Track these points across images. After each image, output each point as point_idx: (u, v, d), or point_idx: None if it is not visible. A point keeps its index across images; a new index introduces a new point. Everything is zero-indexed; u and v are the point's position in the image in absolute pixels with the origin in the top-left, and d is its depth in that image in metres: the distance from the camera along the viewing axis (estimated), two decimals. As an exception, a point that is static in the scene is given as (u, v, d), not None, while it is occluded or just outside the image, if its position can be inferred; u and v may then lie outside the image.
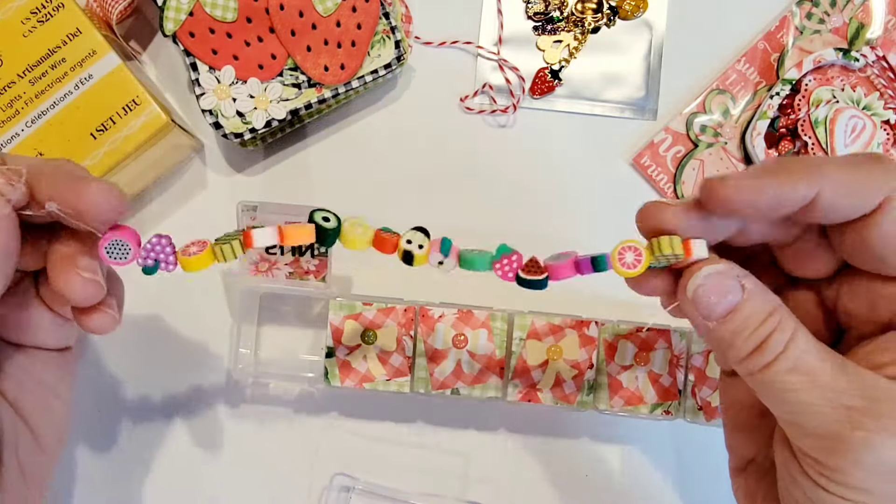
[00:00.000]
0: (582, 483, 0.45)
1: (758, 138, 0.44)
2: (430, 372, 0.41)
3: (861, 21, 0.46)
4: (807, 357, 0.25)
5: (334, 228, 0.29)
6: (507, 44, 0.47)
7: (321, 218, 0.29)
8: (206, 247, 0.29)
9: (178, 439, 0.44)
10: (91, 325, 0.29)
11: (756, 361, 0.26)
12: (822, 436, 0.25)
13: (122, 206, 0.27)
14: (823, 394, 0.25)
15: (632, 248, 0.28)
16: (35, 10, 0.39)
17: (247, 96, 0.41)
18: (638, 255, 0.28)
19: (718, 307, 0.26)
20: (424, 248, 0.29)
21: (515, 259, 0.29)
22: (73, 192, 0.26)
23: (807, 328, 0.26)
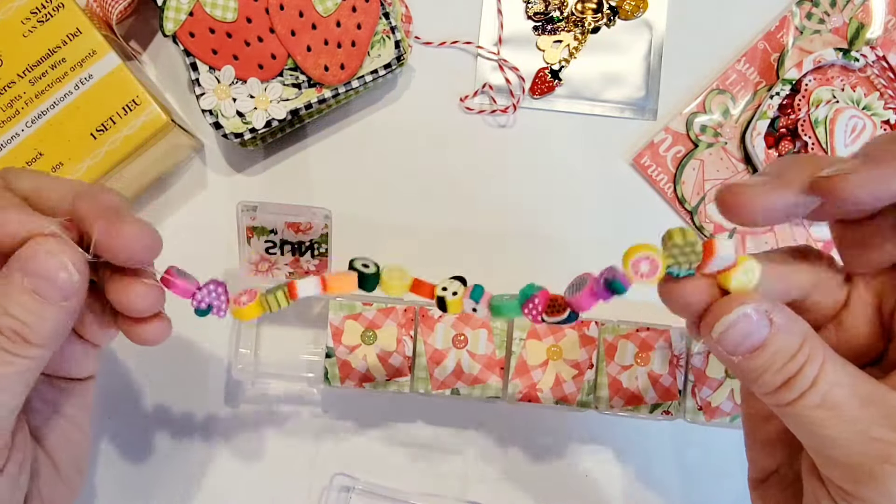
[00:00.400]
0: (582, 483, 0.45)
1: (758, 138, 0.45)
2: (430, 372, 0.41)
3: (861, 21, 0.46)
4: (835, 391, 0.24)
5: (374, 274, 0.30)
6: (507, 44, 0.47)
7: (361, 265, 0.30)
8: (255, 297, 0.30)
9: (178, 439, 0.44)
10: (149, 334, 0.29)
11: (783, 396, 0.25)
12: (850, 467, 0.24)
13: (157, 247, 0.27)
14: (851, 426, 0.24)
15: (646, 256, 0.27)
16: (35, 10, 0.39)
17: (247, 96, 0.41)
18: (653, 262, 0.27)
19: (743, 345, 0.25)
20: (458, 294, 0.30)
21: (539, 302, 0.29)
22: (109, 231, 0.26)
23: (859, 333, 0.26)
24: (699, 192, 0.46)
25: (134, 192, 0.45)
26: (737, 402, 0.41)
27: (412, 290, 0.31)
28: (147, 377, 0.44)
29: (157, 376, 0.44)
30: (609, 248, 0.45)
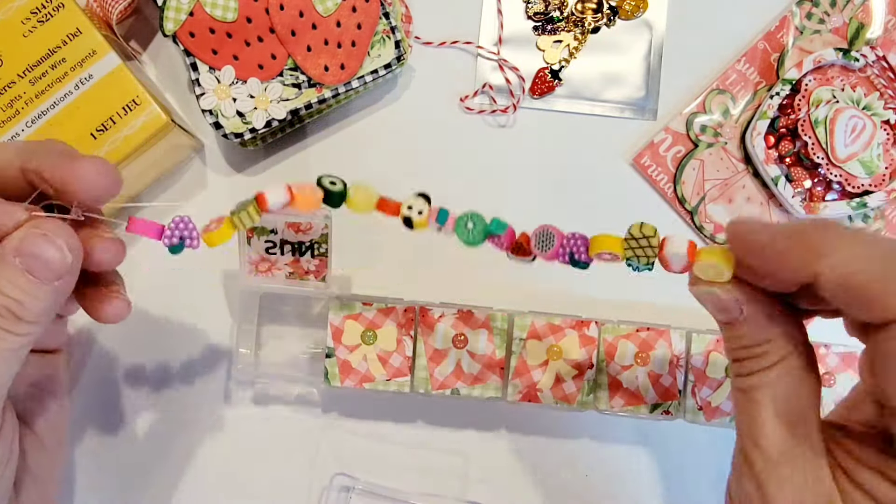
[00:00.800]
0: (582, 483, 0.45)
1: (758, 138, 0.45)
2: (430, 372, 0.41)
3: (861, 21, 0.46)
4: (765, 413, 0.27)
5: (340, 191, 0.30)
6: (507, 44, 0.47)
7: (328, 182, 0.30)
8: (223, 221, 0.30)
9: (179, 439, 0.44)
10: (108, 312, 0.30)
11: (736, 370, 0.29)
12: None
13: (116, 181, 0.27)
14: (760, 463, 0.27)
15: (608, 252, 0.31)
16: (35, 10, 0.39)
17: (247, 96, 0.41)
18: (614, 256, 0.31)
19: (719, 316, 0.29)
20: (424, 213, 0.30)
21: (505, 240, 0.31)
22: (65, 170, 0.26)
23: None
24: (699, 192, 0.46)
25: (134, 192, 0.45)
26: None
27: (378, 209, 0.31)
28: (147, 377, 0.44)
29: (157, 376, 0.44)
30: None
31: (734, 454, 0.29)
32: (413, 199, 0.30)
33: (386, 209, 0.31)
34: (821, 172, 0.44)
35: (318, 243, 0.40)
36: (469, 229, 0.31)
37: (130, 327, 0.45)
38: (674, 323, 0.42)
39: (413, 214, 0.30)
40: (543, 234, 0.31)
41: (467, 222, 0.31)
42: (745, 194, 0.46)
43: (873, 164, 0.44)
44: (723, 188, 0.46)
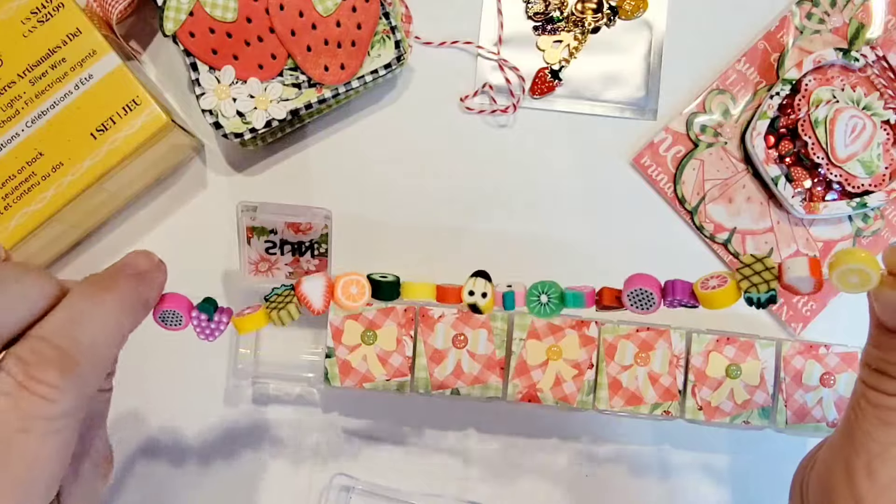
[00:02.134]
0: (582, 483, 0.45)
1: (758, 138, 0.44)
2: (430, 372, 0.41)
3: (861, 21, 0.46)
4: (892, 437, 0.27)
5: (393, 282, 0.29)
6: (507, 44, 0.47)
7: (379, 276, 0.29)
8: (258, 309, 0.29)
9: (179, 440, 0.44)
10: None
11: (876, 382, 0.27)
12: None
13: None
14: None
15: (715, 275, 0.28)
16: (35, 10, 0.39)
17: (247, 96, 0.41)
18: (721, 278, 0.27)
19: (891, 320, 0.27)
20: (489, 295, 0.29)
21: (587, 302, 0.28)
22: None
23: None
24: (699, 192, 0.46)
25: (134, 192, 0.45)
26: (736, 402, 0.41)
27: (438, 299, 0.29)
28: (147, 377, 0.44)
29: (157, 376, 0.44)
30: (609, 248, 0.46)
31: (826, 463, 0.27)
32: (472, 281, 0.29)
33: (446, 297, 0.29)
34: (821, 172, 0.44)
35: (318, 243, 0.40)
36: (544, 303, 0.29)
37: (130, 327, 0.45)
38: (674, 323, 0.42)
39: (478, 299, 0.28)
40: (640, 295, 0.28)
41: (540, 295, 0.29)
42: (745, 194, 0.46)
43: (873, 164, 0.44)
44: (723, 188, 0.46)
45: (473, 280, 0.29)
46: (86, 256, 0.45)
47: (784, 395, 0.41)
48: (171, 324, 0.29)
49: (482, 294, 0.28)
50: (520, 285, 0.29)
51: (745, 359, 0.41)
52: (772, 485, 0.45)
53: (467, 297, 0.28)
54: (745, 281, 0.26)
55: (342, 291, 0.29)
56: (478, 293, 0.28)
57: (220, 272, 0.45)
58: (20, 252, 0.40)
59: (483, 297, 0.28)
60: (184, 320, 0.29)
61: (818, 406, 0.41)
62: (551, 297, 0.29)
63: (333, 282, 0.29)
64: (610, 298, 0.28)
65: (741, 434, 0.44)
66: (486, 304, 0.28)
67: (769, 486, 0.45)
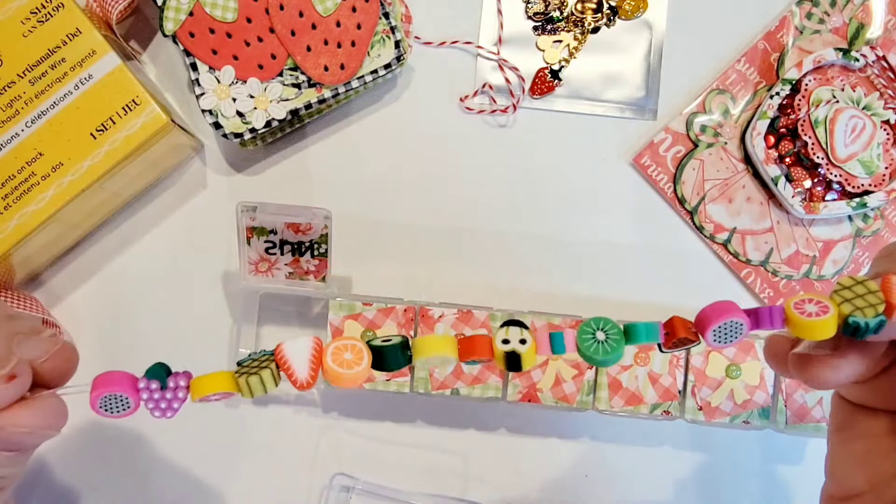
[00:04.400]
0: (582, 483, 0.45)
1: (758, 138, 0.44)
2: (430, 372, 0.41)
3: (861, 21, 0.46)
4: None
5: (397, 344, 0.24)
6: (507, 44, 0.47)
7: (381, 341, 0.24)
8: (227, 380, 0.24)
9: (179, 439, 0.44)
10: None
11: None
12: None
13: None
14: None
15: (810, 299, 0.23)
16: (35, 10, 0.39)
17: (247, 96, 0.41)
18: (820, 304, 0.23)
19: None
20: (529, 342, 0.24)
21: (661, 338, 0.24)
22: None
23: None
24: (699, 192, 0.46)
25: (134, 192, 0.45)
26: (736, 402, 0.41)
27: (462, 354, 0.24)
28: (147, 377, 0.44)
29: (157, 376, 0.44)
30: (609, 248, 0.46)
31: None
32: (505, 330, 0.23)
33: (475, 350, 0.23)
34: (821, 172, 0.44)
35: (318, 243, 0.40)
36: (601, 341, 0.24)
37: (131, 326, 0.45)
38: (674, 323, 0.42)
39: (516, 346, 0.23)
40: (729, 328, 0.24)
41: (595, 332, 0.24)
42: (745, 194, 0.46)
43: (873, 164, 0.44)
44: (723, 188, 0.46)
45: (506, 329, 0.24)
46: (86, 256, 0.45)
47: (784, 395, 0.41)
48: (117, 410, 0.24)
49: (520, 341, 0.24)
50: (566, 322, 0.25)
51: (745, 359, 0.41)
52: (772, 485, 0.45)
53: (501, 345, 0.24)
54: (847, 304, 0.23)
55: (333, 358, 0.24)
56: (514, 340, 0.23)
57: (220, 272, 0.45)
58: (20, 252, 0.40)
59: (522, 344, 0.24)
60: (132, 402, 0.24)
61: (818, 406, 0.41)
62: (610, 335, 0.24)
63: (323, 346, 0.24)
64: (684, 330, 0.24)
65: (741, 434, 0.44)
66: (527, 352, 0.24)
67: (769, 487, 0.45)
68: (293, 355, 0.24)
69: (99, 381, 0.24)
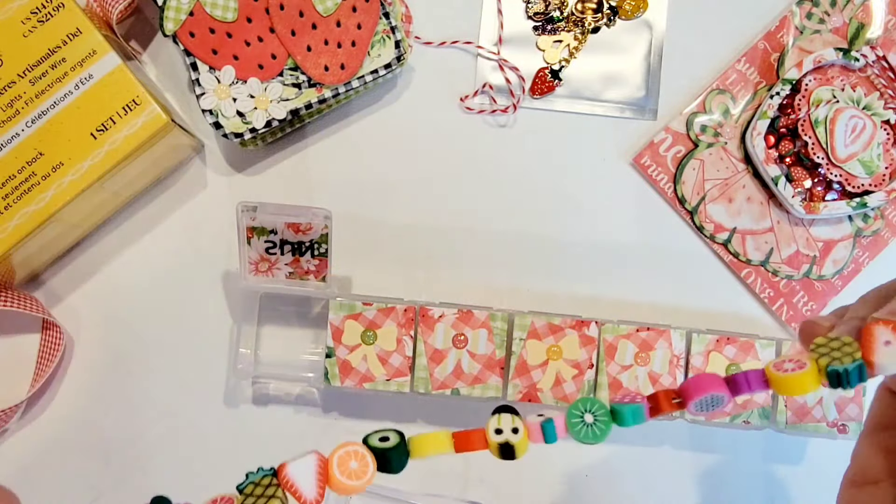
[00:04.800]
0: (582, 483, 0.45)
1: (758, 138, 0.44)
2: (430, 372, 0.41)
3: (861, 21, 0.46)
4: None
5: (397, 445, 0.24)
6: (507, 44, 0.47)
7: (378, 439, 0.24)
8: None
9: (179, 439, 0.44)
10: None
11: None
12: None
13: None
14: None
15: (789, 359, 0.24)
16: (35, 10, 0.39)
17: (247, 96, 0.41)
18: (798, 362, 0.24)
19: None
20: (521, 430, 0.25)
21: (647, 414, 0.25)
22: None
23: None
24: (699, 192, 0.46)
25: (134, 192, 0.45)
26: (736, 402, 0.41)
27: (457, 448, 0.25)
28: (147, 376, 0.44)
29: (157, 376, 0.44)
30: (609, 248, 0.46)
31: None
32: (497, 418, 0.24)
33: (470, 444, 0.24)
34: (821, 172, 0.44)
35: (318, 243, 0.40)
36: (589, 424, 0.25)
37: (131, 326, 0.45)
38: (674, 323, 0.42)
39: (509, 436, 0.24)
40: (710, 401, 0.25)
41: (584, 415, 0.25)
42: (745, 194, 0.46)
43: (873, 163, 0.44)
44: (723, 188, 0.46)
45: (498, 417, 0.25)
46: (86, 256, 0.45)
47: (784, 396, 0.41)
48: None
49: (512, 430, 0.24)
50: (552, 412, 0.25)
51: (745, 359, 0.41)
52: (772, 485, 0.45)
53: (494, 436, 0.24)
54: (824, 357, 0.24)
55: (339, 470, 0.24)
56: (507, 430, 0.24)
57: (220, 272, 0.45)
58: (20, 252, 0.40)
59: (515, 434, 0.24)
60: None
61: (818, 406, 0.41)
62: (598, 416, 0.25)
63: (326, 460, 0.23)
64: (668, 405, 0.25)
65: (741, 434, 0.44)
66: (520, 441, 0.24)
67: (770, 486, 0.45)
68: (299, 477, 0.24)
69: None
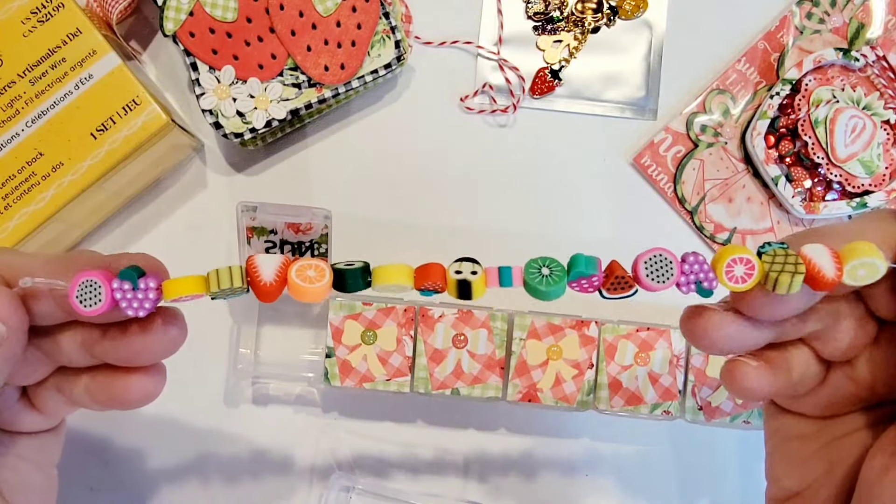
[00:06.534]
0: (582, 483, 0.45)
1: (758, 138, 0.44)
2: (430, 372, 0.41)
3: (861, 21, 0.46)
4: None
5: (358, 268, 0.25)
6: (507, 44, 0.47)
7: (344, 264, 0.25)
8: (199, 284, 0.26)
9: (178, 439, 0.44)
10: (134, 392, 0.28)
11: None
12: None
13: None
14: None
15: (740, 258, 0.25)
16: (35, 10, 0.39)
17: (247, 96, 0.41)
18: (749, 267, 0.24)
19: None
20: (479, 273, 0.25)
21: (597, 280, 0.26)
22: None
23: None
24: (699, 192, 0.46)
25: (134, 192, 0.45)
26: (736, 402, 0.41)
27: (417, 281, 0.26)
28: (147, 377, 0.44)
29: (157, 376, 0.44)
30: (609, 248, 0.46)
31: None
32: (458, 264, 0.25)
33: (428, 276, 0.25)
34: (821, 172, 0.44)
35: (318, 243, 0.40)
36: (546, 275, 0.25)
37: (130, 327, 0.45)
38: (674, 323, 0.42)
39: (467, 276, 0.25)
40: (658, 261, 0.25)
41: (541, 268, 0.25)
42: (745, 194, 0.46)
43: (873, 164, 0.44)
44: (723, 188, 0.46)
45: (459, 262, 0.26)
46: (86, 256, 0.45)
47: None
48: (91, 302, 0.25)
49: (472, 272, 0.25)
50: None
51: (745, 359, 0.41)
52: (772, 485, 0.45)
53: (453, 274, 0.25)
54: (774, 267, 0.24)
55: (297, 273, 0.25)
56: (466, 271, 0.25)
57: (220, 272, 0.45)
58: (20, 252, 0.40)
59: (474, 275, 0.25)
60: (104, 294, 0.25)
61: (818, 406, 0.41)
62: (553, 269, 0.26)
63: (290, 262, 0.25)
64: (621, 269, 0.26)
65: (741, 434, 0.44)
66: (477, 280, 0.25)
67: (769, 486, 0.45)
68: (263, 264, 0.25)
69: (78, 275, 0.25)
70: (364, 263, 0.25)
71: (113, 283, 0.25)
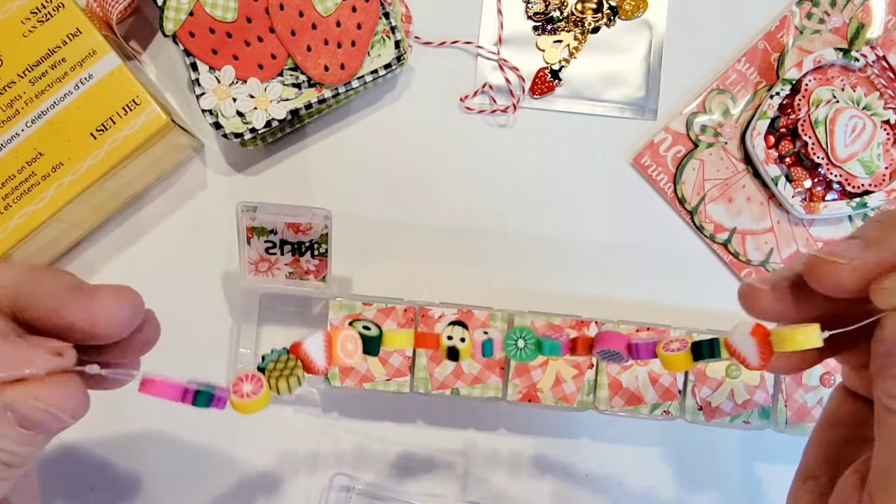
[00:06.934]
0: (582, 483, 0.45)
1: (758, 138, 0.44)
2: (429, 372, 0.41)
3: (861, 21, 0.46)
4: None
5: (375, 336, 0.30)
6: (507, 44, 0.47)
7: (362, 327, 0.30)
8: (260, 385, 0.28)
9: (178, 439, 0.44)
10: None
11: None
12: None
13: (139, 311, 0.27)
14: None
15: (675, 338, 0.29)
16: (35, 10, 0.39)
17: (247, 96, 0.41)
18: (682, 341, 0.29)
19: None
20: (467, 340, 0.30)
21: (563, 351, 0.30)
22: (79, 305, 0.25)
23: None
24: (699, 192, 0.46)
25: (134, 192, 0.45)
26: (736, 402, 0.41)
27: (417, 344, 0.30)
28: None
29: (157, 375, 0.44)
30: (609, 248, 0.46)
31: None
32: (451, 328, 0.30)
33: (426, 343, 0.30)
34: (821, 172, 0.44)
35: (318, 243, 0.40)
36: (521, 348, 0.30)
37: (130, 327, 0.45)
38: (674, 323, 0.42)
39: (456, 343, 0.30)
40: (610, 355, 0.30)
41: (517, 341, 0.30)
42: (745, 194, 0.46)
43: (873, 163, 0.44)
44: (723, 188, 0.46)
45: (451, 327, 0.30)
46: (86, 256, 0.45)
47: (784, 395, 0.41)
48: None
49: (461, 339, 0.30)
50: (496, 332, 0.31)
51: (745, 359, 0.41)
52: (773, 485, 0.45)
53: (446, 340, 0.30)
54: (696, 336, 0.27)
55: (341, 348, 0.29)
56: (456, 338, 0.30)
57: (220, 272, 0.45)
58: (20, 252, 0.40)
59: (462, 342, 0.30)
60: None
61: (818, 406, 0.41)
62: (528, 343, 0.30)
63: (331, 337, 0.29)
64: (584, 349, 0.30)
65: (741, 434, 0.44)
66: (464, 349, 0.30)
67: (769, 486, 0.45)
68: (313, 350, 0.29)
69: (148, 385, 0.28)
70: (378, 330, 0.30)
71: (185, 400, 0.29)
